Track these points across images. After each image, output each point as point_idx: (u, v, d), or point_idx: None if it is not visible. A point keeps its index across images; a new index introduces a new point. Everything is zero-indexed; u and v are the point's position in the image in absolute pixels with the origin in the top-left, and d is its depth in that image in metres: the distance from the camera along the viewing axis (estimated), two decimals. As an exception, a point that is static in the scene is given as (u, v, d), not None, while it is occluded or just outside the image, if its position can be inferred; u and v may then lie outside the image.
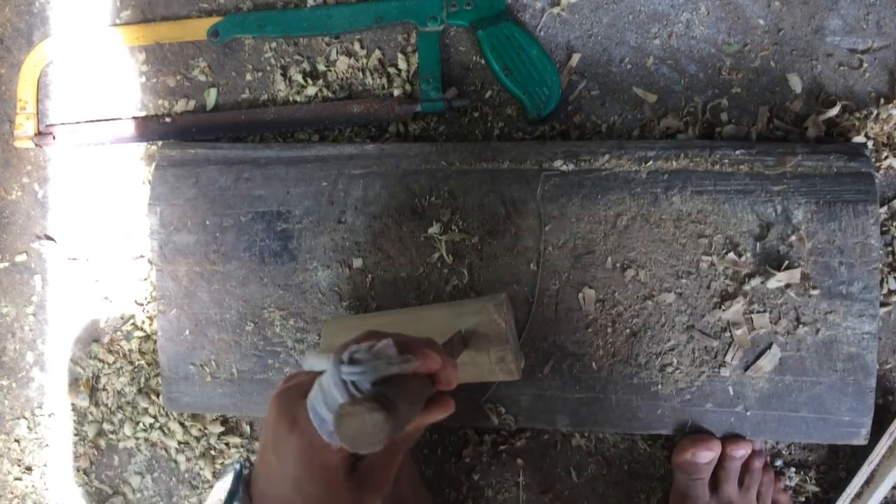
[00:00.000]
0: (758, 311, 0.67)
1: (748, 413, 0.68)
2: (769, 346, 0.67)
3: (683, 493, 0.71)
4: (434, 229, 0.70)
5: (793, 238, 0.67)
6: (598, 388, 0.70)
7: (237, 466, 0.52)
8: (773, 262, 0.67)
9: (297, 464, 0.46)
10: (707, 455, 0.69)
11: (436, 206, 0.71)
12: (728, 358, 0.68)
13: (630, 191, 0.69)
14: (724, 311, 0.68)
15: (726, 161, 0.68)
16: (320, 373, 0.47)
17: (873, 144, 0.71)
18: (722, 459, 0.70)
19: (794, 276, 0.66)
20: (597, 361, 0.69)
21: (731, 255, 0.68)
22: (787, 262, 0.67)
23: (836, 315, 0.66)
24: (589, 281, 0.69)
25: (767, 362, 0.67)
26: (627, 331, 0.69)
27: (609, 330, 0.69)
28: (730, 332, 0.68)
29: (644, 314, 0.69)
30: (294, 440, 0.46)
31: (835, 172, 0.67)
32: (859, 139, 0.70)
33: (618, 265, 0.69)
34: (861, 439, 0.68)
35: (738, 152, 0.68)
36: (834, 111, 0.71)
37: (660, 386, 0.69)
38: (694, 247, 0.68)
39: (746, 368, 0.67)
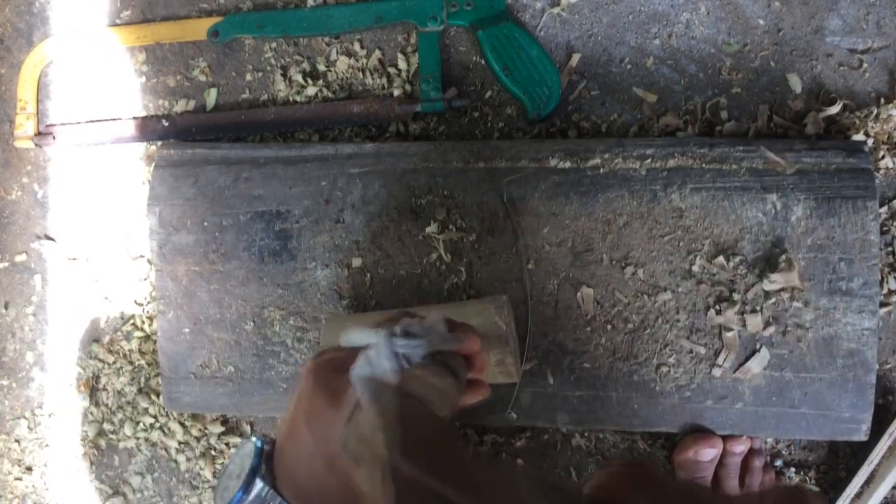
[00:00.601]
0: (752, 311, 0.67)
1: (748, 410, 0.68)
2: (758, 349, 0.67)
3: None
4: (431, 228, 0.70)
5: (792, 234, 0.67)
6: (599, 385, 0.70)
7: (257, 442, 0.50)
8: (772, 258, 0.67)
9: (334, 438, 0.45)
10: (709, 453, 0.69)
11: (434, 205, 0.71)
12: (723, 356, 0.68)
13: (629, 188, 0.69)
14: (721, 309, 0.68)
15: (725, 158, 0.68)
16: (356, 350, 0.46)
17: (873, 142, 0.71)
18: (721, 457, 0.70)
19: (792, 277, 0.66)
20: (596, 359, 0.69)
21: (731, 251, 0.68)
22: (785, 260, 0.67)
23: (836, 311, 0.66)
24: (588, 279, 0.69)
25: (756, 364, 0.67)
26: (627, 329, 0.69)
27: (608, 328, 0.69)
28: (730, 329, 0.68)
29: (643, 312, 0.69)
30: (333, 414, 0.45)
31: (834, 169, 0.67)
32: (858, 137, 0.70)
33: (617, 263, 0.69)
34: (861, 435, 0.68)
35: (737, 149, 0.68)
36: (834, 109, 0.71)
37: (659, 383, 0.69)
38: (693, 244, 0.68)
39: (735, 370, 0.68)
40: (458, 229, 0.71)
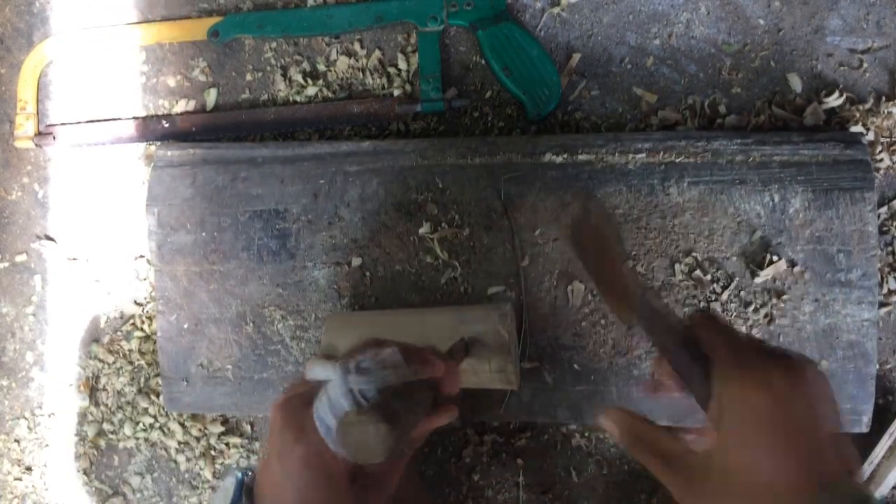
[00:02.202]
0: (750, 303, 0.67)
1: None
2: None
3: None
4: (424, 229, 0.70)
5: (790, 226, 0.67)
6: (598, 380, 0.70)
7: (238, 475, 0.51)
8: (770, 251, 0.67)
9: (302, 472, 0.47)
10: (698, 444, 0.69)
11: (430, 203, 0.71)
12: None
13: (626, 183, 0.69)
14: (719, 302, 0.68)
15: (723, 151, 0.68)
16: (321, 382, 0.47)
17: (873, 136, 0.71)
18: None
19: (780, 266, 0.66)
20: (595, 354, 0.69)
21: (729, 244, 0.68)
22: (783, 252, 0.67)
23: (836, 303, 0.66)
24: (587, 274, 0.69)
25: None
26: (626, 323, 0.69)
27: (606, 322, 0.69)
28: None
29: None
30: (301, 449, 0.46)
31: (831, 161, 0.67)
32: (857, 129, 0.70)
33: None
34: (862, 427, 0.67)
35: (734, 142, 0.68)
36: (835, 100, 0.70)
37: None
38: (691, 237, 0.68)
39: None
40: (452, 226, 0.71)
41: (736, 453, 0.41)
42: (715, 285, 0.68)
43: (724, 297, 0.68)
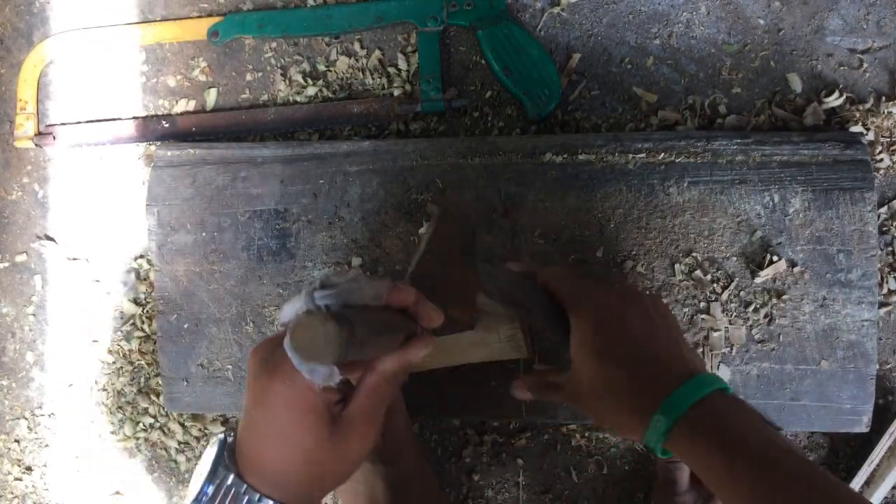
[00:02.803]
0: (754, 302, 0.67)
1: (749, 402, 0.68)
2: (717, 368, 0.68)
3: (666, 477, 0.71)
4: (424, 229, 0.70)
5: (790, 226, 0.67)
6: None
7: (221, 436, 0.51)
8: (770, 251, 0.67)
9: (282, 411, 0.46)
10: None
11: (430, 203, 0.71)
12: (725, 349, 0.68)
13: (626, 183, 0.69)
14: (721, 301, 0.68)
15: (722, 151, 0.68)
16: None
17: (873, 136, 0.71)
18: None
19: (780, 266, 0.66)
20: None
21: (729, 244, 0.68)
22: (783, 252, 0.67)
23: (836, 303, 0.67)
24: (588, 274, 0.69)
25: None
26: None
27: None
28: (729, 322, 0.68)
29: None
30: (277, 386, 0.46)
31: (831, 160, 0.67)
32: (857, 129, 0.70)
33: (615, 258, 0.69)
34: (862, 427, 0.68)
35: (734, 142, 0.68)
36: (835, 100, 0.70)
37: None
38: (691, 237, 0.68)
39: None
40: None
41: (587, 365, 0.53)
42: (715, 285, 0.68)
43: (724, 297, 0.68)
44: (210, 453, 0.50)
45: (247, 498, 0.47)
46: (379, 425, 0.51)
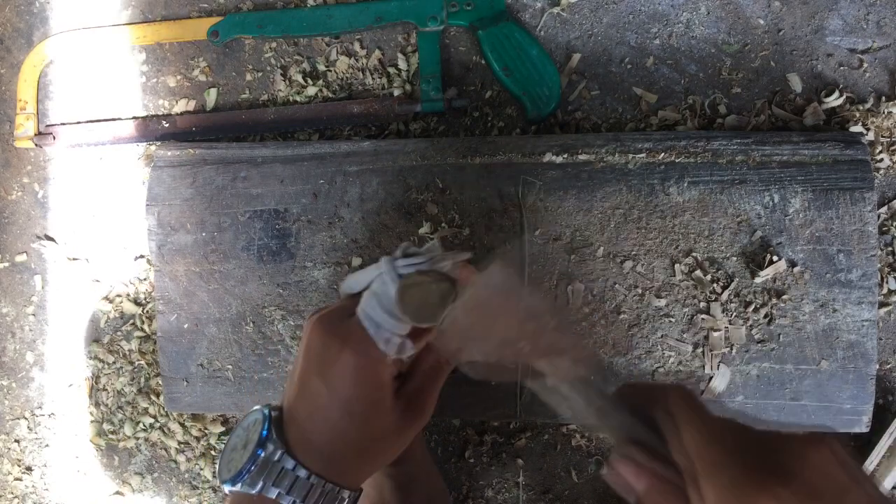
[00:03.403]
0: (754, 302, 0.67)
1: (749, 402, 0.68)
2: (717, 369, 0.68)
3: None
4: (424, 229, 0.70)
5: (790, 227, 0.67)
6: (598, 380, 0.69)
7: (264, 410, 0.49)
8: (770, 251, 0.67)
9: (349, 381, 0.45)
10: None
11: (430, 203, 0.71)
12: (725, 349, 0.68)
13: (626, 183, 0.69)
14: (721, 301, 0.68)
15: (722, 151, 0.68)
16: (356, 297, 0.46)
17: (873, 135, 0.71)
18: None
19: (780, 266, 0.66)
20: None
21: (729, 244, 0.68)
22: (783, 252, 0.67)
23: (836, 303, 0.67)
24: (586, 274, 0.69)
25: (719, 383, 0.68)
26: (626, 322, 0.69)
27: (607, 322, 0.69)
28: (728, 323, 0.68)
29: (642, 306, 0.69)
30: (347, 356, 0.45)
31: (831, 161, 0.67)
32: (857, 128, 0.70)
33: (615, 258, 0.69)
34: (863, 427, 0.68)
35: (734, 142, 0.68)
36: (835, 100, 0.70)
37: (659, 377, 0.69)
38: (691, 237, 0.68)
39: (705, 387, 0.68)
40: (452, 226, 0.71)
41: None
42: (715, 285, 0.68)
43: (724, 297, 0.68)
44: (250, 428, 0.48)
45: (296, 476, 0.46)
46: (434, 404, 0.50)
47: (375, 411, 0.46)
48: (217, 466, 0.49)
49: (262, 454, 0.46)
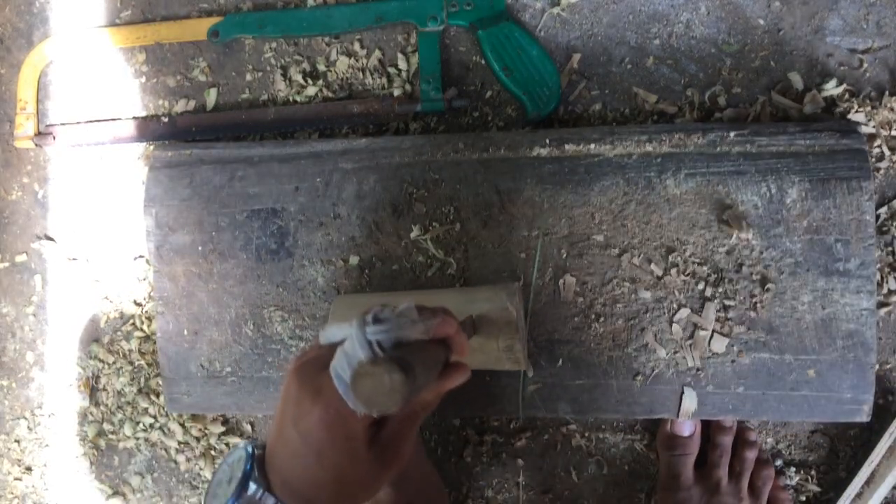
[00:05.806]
0: (751, 293, 0.67)
1: (749, 393, 0.68)
2: (683, 390, 0.68)
3: (669, 472, 0.71)
4: (416, 232, 0.70)
5: (787, 217, 0.67)
6: (599, 374, 0.69)
7: (248, 447, 0.51)
8: (768, 241, 0.67)
9: (320, 434, 0.46)
10: (687, 427, 0.69)
11: (427, 199, 0.71)
12: (722, 343, 0.68)
13: (623, 175, 0.69)
14: (717, 291, 0.68)
15: (719, 143, 0.68)
16: (336, 345, 0.47)
17: (874, 131, 0.70)
18: (711, 436, 0.71)
19: (744, 230, 0.67)
20: (595, 347, 0.69)
21: (726, 236, 0.67)
22: (781, 243, 0.67)
23: (834, 292, 0.66)
24: (583, 267, 0.69)
25: (689, 404, 0.68)
26: (625, 316, 0.69)
27: (605, 316, 0.69)
28: (724, 317, 0.68)
29: (640, 299, 0.68)
30: (318, 410, 0.46)
31: (828, 150, 0.67)
32: (856, 117, 0.70)
33: (612, 251, 0.69)
34: (863, 416, 0.67)
35: (731, 133, 0.68)
36: (834, 88, 0.70)
37: (659, 369, 0.69)
38: (689, 230, 0.68)
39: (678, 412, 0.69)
40: (446, 223, 0.70)
41: None
42: (712, 276, 0.68)
43: (722, 287, 0.68)
44: (234, 464, 0.50)
45: None
46: (412, 447, 0.52)
47: (349, 460, 0.47)
48: (202, 499, 0.51)
49: (245, 492, 0.48)
